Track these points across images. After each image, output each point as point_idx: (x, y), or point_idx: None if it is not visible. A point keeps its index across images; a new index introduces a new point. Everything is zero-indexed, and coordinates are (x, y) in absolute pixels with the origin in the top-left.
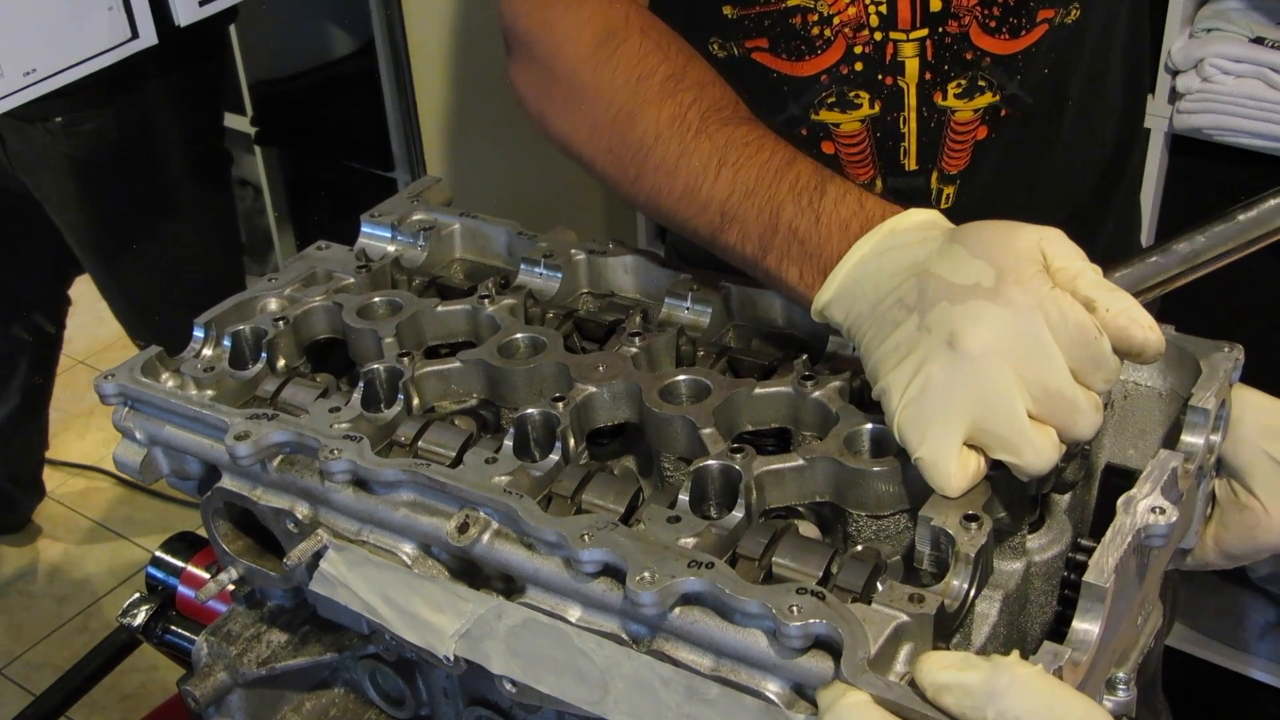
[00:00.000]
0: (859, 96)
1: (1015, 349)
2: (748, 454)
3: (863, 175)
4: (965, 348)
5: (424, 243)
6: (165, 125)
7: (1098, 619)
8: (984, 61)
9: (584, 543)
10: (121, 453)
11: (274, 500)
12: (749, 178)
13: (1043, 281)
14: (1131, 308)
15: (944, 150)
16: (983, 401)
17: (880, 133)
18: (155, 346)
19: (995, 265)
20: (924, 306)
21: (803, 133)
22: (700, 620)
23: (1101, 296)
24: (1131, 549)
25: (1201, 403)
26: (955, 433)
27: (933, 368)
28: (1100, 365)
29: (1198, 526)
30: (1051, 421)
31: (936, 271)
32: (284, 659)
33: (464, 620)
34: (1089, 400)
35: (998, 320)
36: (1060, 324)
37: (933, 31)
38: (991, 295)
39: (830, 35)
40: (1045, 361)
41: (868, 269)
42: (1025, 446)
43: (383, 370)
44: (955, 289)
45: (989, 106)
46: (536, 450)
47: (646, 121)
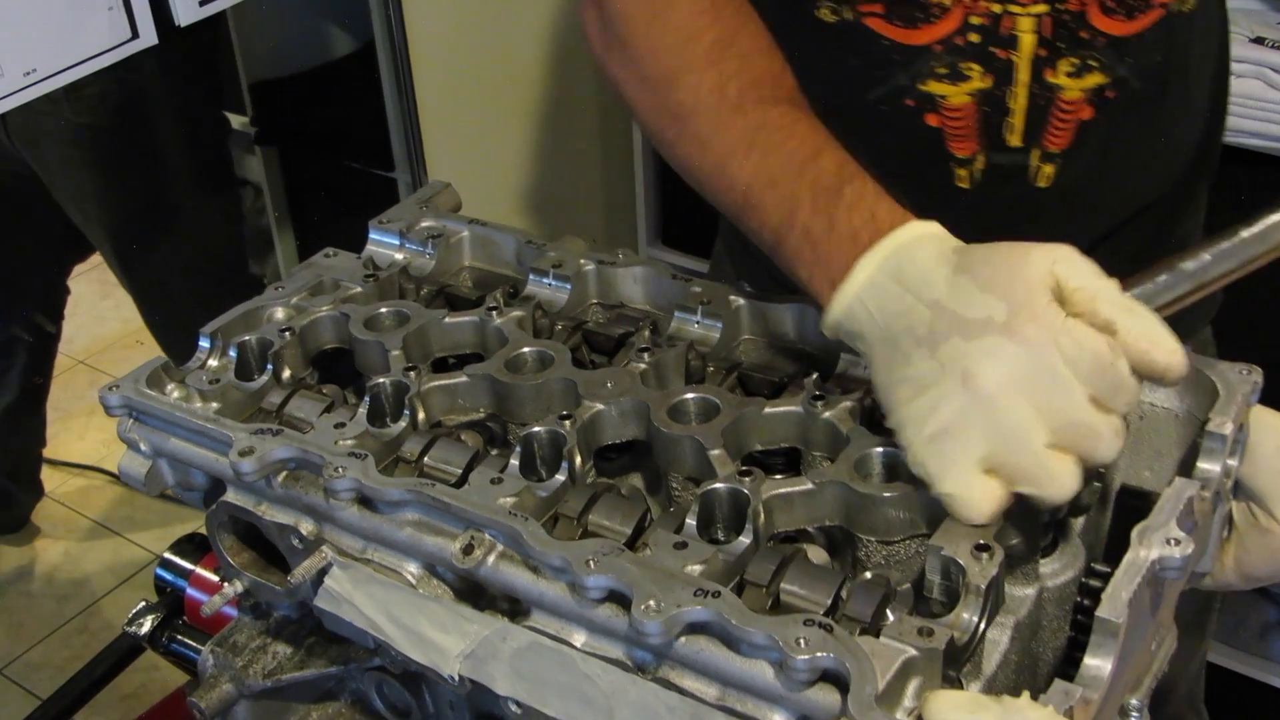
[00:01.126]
0: (970, 69)
1: (1030, 384)
2: (756, 477)
3: (965, 150)
4: (980, 387)
5: (432, 251)
6: (166, 87)
7: (1110, 655)
8: (1098, 41)
9: (589, 568)
10: (126, 464)
11: (279, 516)
12: (773, 166)
13: (1056, 313)
14: (1153, 330)
15: (1048, 128)
16: (1000, 437)
17: (988, 107)
18: (160, 356)
19: (1006, 299)
20: (935, 341)
21: (908, 104)
22: (706, 649)
23: (1122, 318)
24: (1146, 581)
25: (1219, 428)
26: (976, 466)
27: (948, 406)
28: (1120, 390)
29: (1214, 551)
30: (1072, 450)
31: (948, 305)
32: (290, 671)
33: (469, 641)
34: (1109, 425)
35: (1012, 357)
36: (1076, 355)
37: (1052, 8)
38: (1004, 331)
39: (948, 4)
40: (1062, 393)
41: (875, 292)
42: (1045, 479)
43: (389, 384)
44: (967, 324)
45: (1096, 87)
46: (543, 469)
47: (687, 88)
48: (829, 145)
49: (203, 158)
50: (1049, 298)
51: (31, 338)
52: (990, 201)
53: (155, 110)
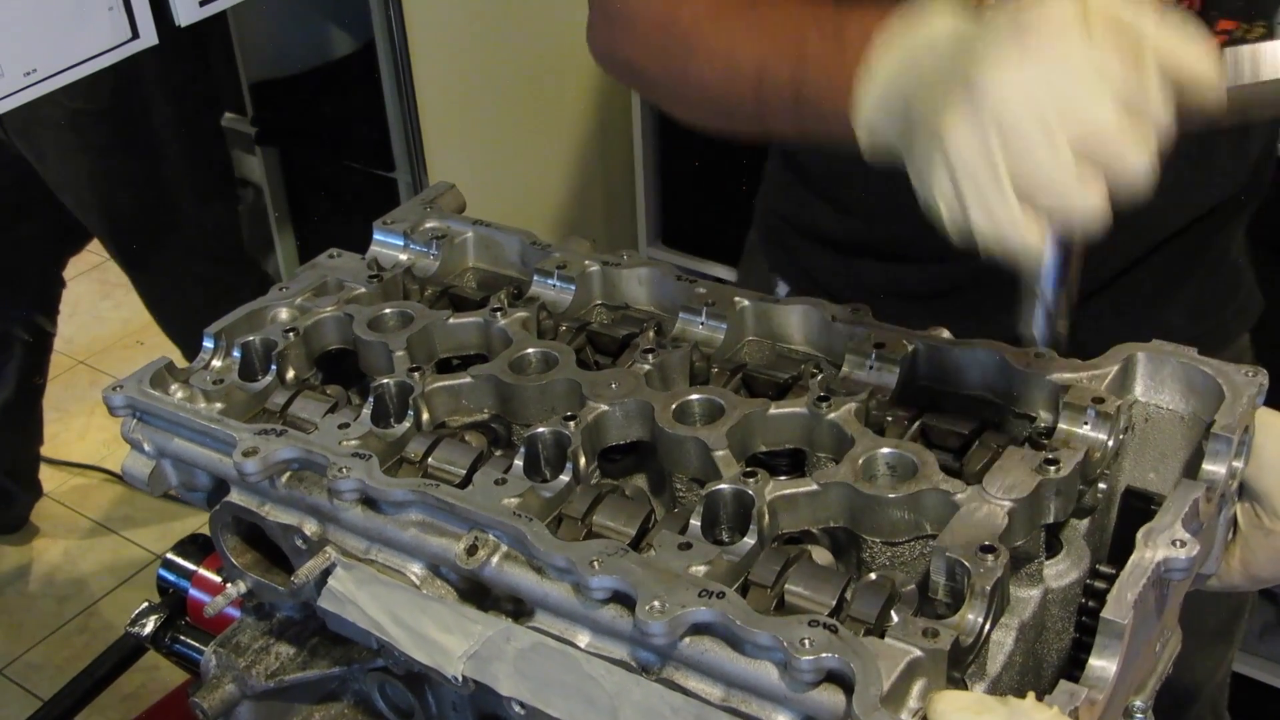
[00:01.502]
0: None
1: (1041, 83)
2: (761, 478)
3: None
4: (986, 94)
5: (436, 251)
6: (158, 69)
7: (1115, 656)
8: None
9: (594, 569)
10: (130, 464)
11: (282, 516)
12: (779, 31)
13: (1075, 17)
14: (1183, 35)
15: None
16: (1015, 150)
17: None
18: (164, 357)
19: (1018, 16)
20: (943, 77)
21: None
22: (711, 650)
23: (1150, 23)
24: (1151, 582)
25: (1224, 430)
26: (1004, 189)
27: (957, 128)
28: (1149, 96)
29: (1218, 553)
30: (1097, 158)
31: (965, 41)
32: (293, 671)
33: (472, 641)
34: (1138, 132)
35: (1021, 58)
36: (1096, 50)
37: None
38: (1014, 32)
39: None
40: (1079, 90)
41: (901, 74)
42: (1073, 192)
43: (393, 385)
44: (973, 42)
45: None
46: (547, 470)
47: (686, 13)
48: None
49: (196, 138)
50: (1071, 10)
51: (28, 331)
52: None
53: (148, 92)
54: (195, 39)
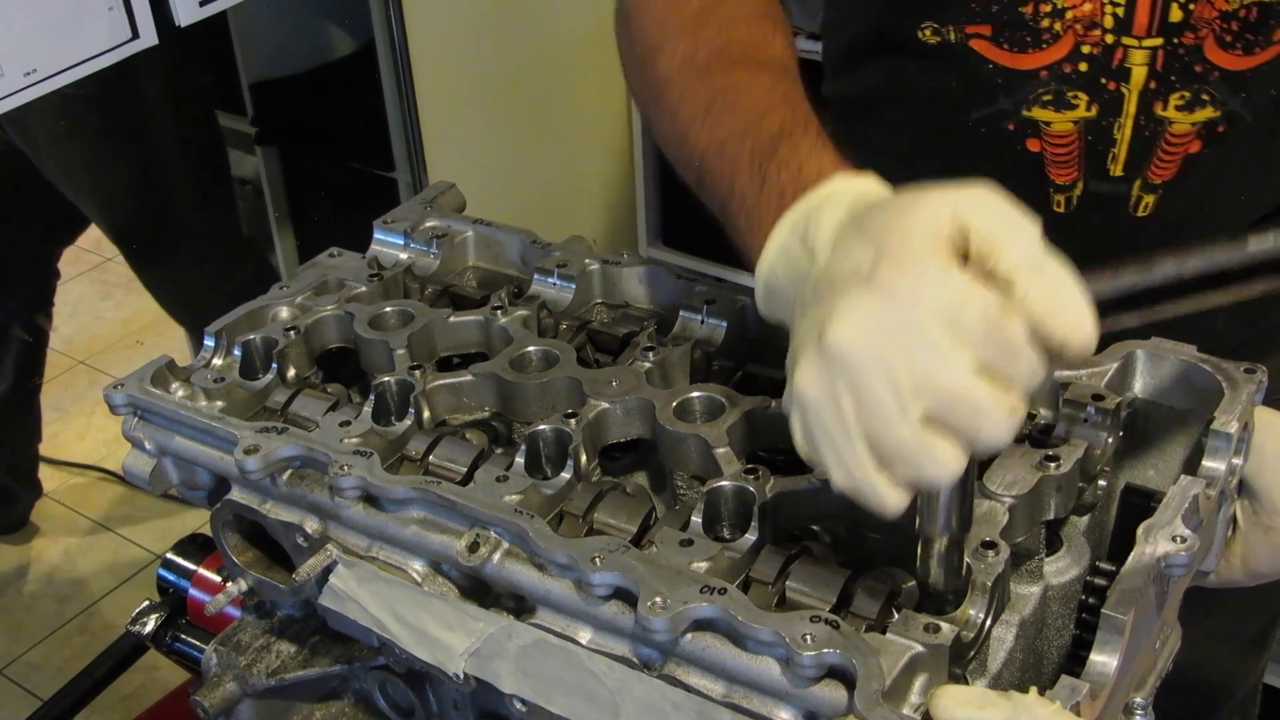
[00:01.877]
0: (1077, 97)
1: (890, 344)
2: (762, 475)
3: (1064, 176)
4: (831, 347)
5: (437, 250)
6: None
7: (1116, 651)
8: (1212, 75)
9: (595, 566)
10: (131, 463)
11: (283, 514)
12: (724, 130)
13: (930, 261)
14: (1059, 291)
15: (1153, 160)
16: (866, 414)
17: (1091, 136)
18: (164, 355)
19: (879, 246)
20: (809, 307)
21: (1009, 128)
22: (712, 646)
23: (1023, 276)
24: (1151, 578)
25: (1224, 426)
26: (859, 453)
27: (807, 379)
28: (1014, 358)
29: (1218, 550)
30: (949, 426)
31: (829, 261)
32: (293, 669)
33: (474, 639)
34: (997, 401)
35: (870, 313)
36: (954, 312)
37: (1167, 41)
38: (865, 282)
39: (1059, 30)
40: (930, 356)
41: (783, 260)
42: (924, 462)
43: (394, 383)
44: (834, 282)
45: (1207, 121)
46: (548, 467)
47: (664, 60)
48: (782, 101)
49: (190, 119)
50: (931, 244)
51: (23, 324)
52: (1085, 226)
53: (141, 74)
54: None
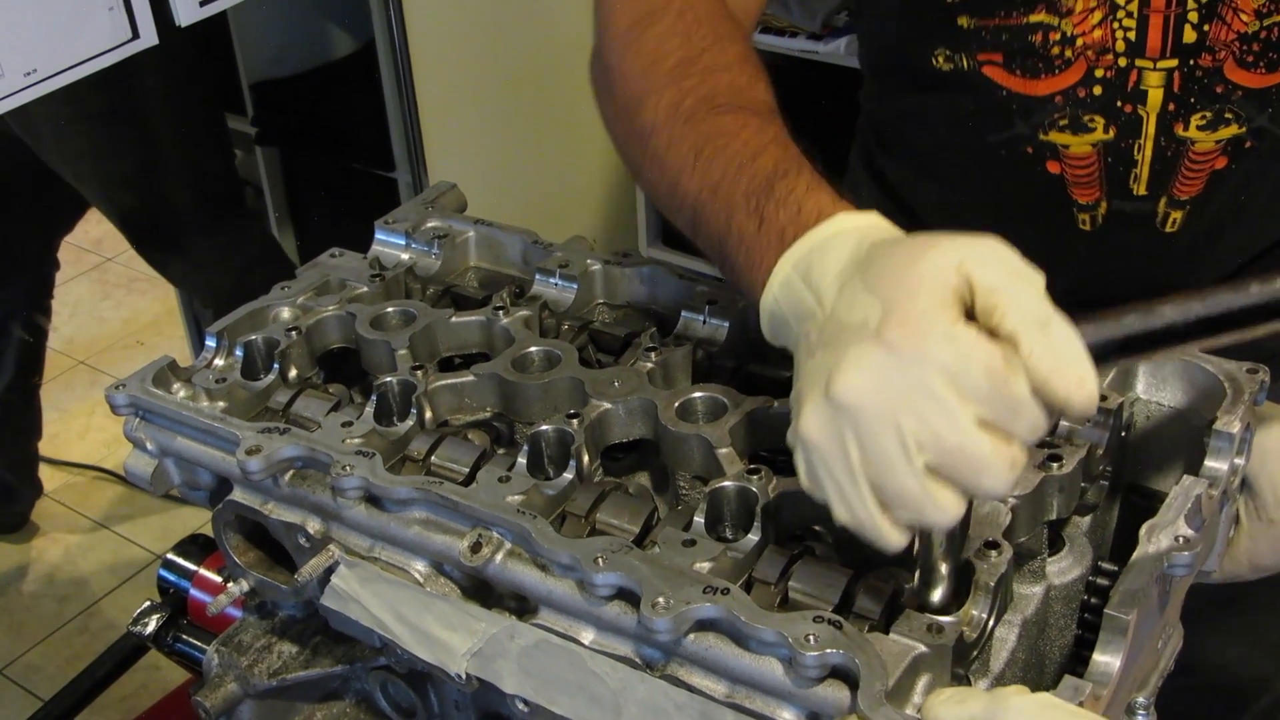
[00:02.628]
0: (1093, 121)
1: (897, 398)
2: (764, 475)
3: (1087, 196)
4: (839, 398)
5: (438, 251)
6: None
7: (1119, 651)
8: (1234, 95)
9: (598, 566)
10: (133, 463)
11: (285, 515)
12: (715, 173)
13: (937, 316)
14: (1063, 350)
15: (1177, 178)
16: (871, 458)
17: (1111, 158)
18: (166, 355)
19: (886, 299)
20: (815, 350)
21: (1028, 151)
22: (715, 646)
23: (1027, 334)
24: (1154, 578)
25: (1226, 426)
26: (863, 494)
27: (812, 424)
28: (1018, 413)
29: (1221, 549)
30: (950, 479)
31: (835, 310)
32: (295, 670)
33: (476, 639)
34: (1001, 454)
35: (877, 366)
36: (958, 367)
37: (1183, 63)
38: (874, 336)
39: (1071, 56)
40: (935, 411)
41: (788, 293)
42: (926, 506)
43: (395, 383)
44: (843, 330)
45: (1233, 138)
46: (551, 467)
47: (649, 109)
48: (773, 143)
49: (192, 98)
50: (937, 299)
51: (23, 316)
52: (1113, 244)
53: (145, 60)
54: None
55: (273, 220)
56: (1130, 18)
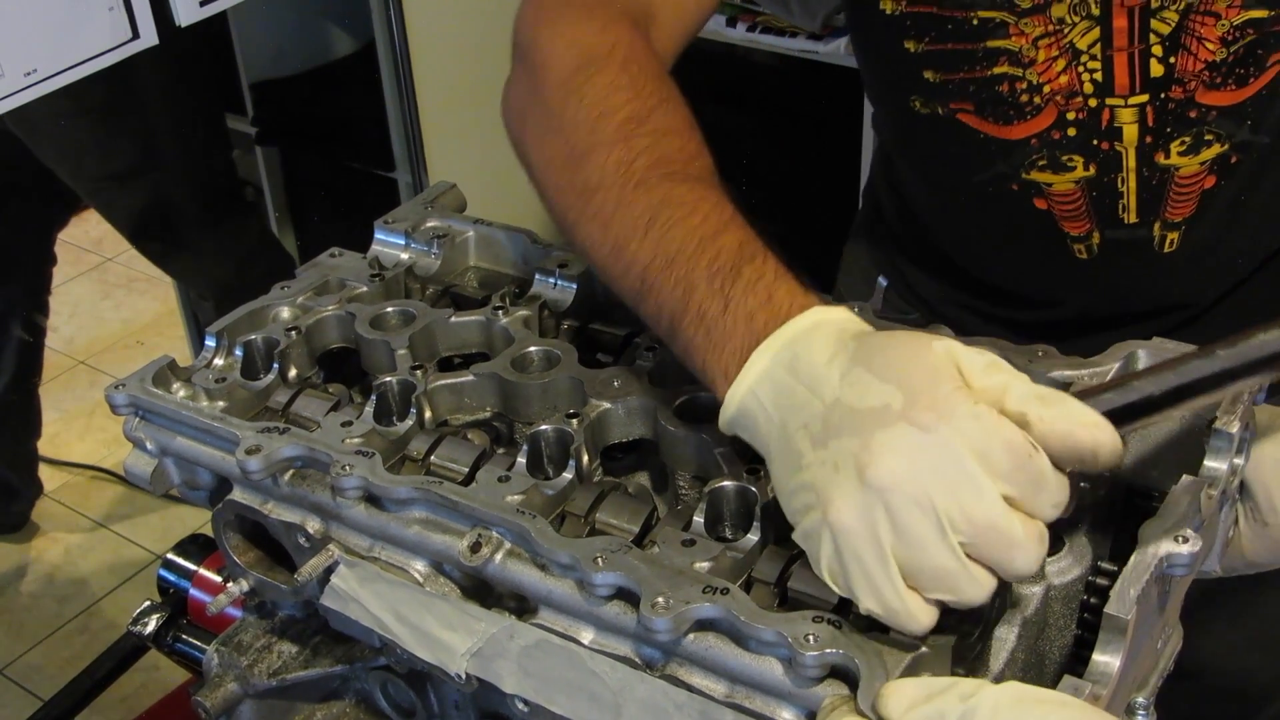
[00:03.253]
0: (1072, 160)
1: (931, 478)
2: (764, 475)
3: (1079, 229)
4: (876, 480)
5: (437, 250)
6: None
7: (1119, 651)
8: (1210, 116)
9: (597, 566)
10: (132, 463)
11: (285, 514)
12: (673, 243)
13: (961, 399)
14: (1071, 410)
15: (1167, 202)
16: (905, 543)
17: (1096, 192)
18: (166, 355)
19: (904, 385)
20: (827, 438)
21: (1013, 188)
22: (715, 646)
23: (1033, 407)
24: (1153, 578)
25: (1226, 426)
26: (892, 578)
27: (844, 511)
28: (1042, 488)
29: (1220, 549)
30: (982, 558)
31: (841, 398)
32: (295, 670)
33: (476, 639)
34: (1028, 531)
35: (911, 447)
36: (986, 445)
37: (1154, 97)
38: (902, 418)
39: (1040, 102)
40: (969, 490)
41: (769, 386)
42: (963, 583)
43: (395, 383)
44: (861, 416)
45: (1217, 157)
46: (550, 467)
47: (594, 165)
48: (733, 223)
49: (187, 92)
50: (953, 384)
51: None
52: (1112, 270)
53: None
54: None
55: (273, 220)
56: (1095, 60)
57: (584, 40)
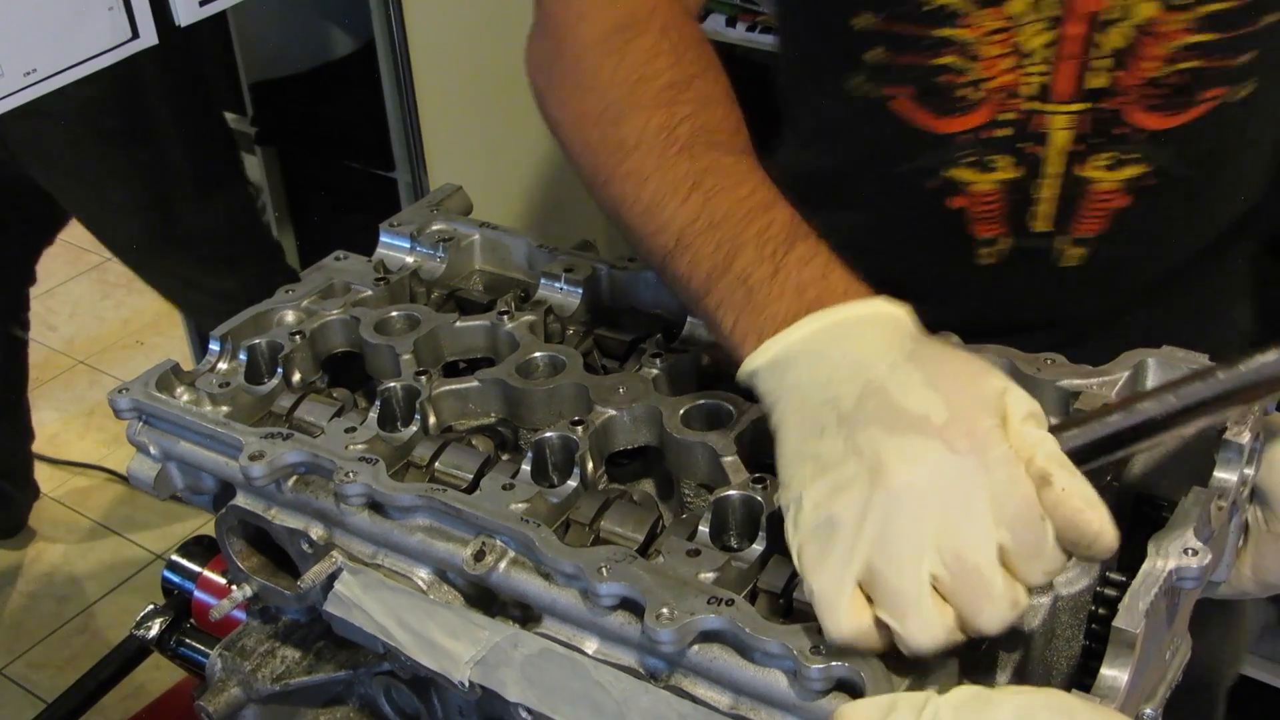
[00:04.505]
0: (997, 160)
1: (943, 500)
2: (769, 484)
3: (989, 232)
4: (889, 483)
5: (443, 254)
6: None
7: (1127, 665)
8: (1137, 136)
9: (602, 576)
10: (136, 467)
11: (289, 520)
12: (718, 209)
13: (998, 439)
14: (1089, 493)
15: (1078, 216)
16: (886, 548)
17: (1014, 196)
18: (169, 359)
19: (951, 403)
20: (856, 422)
21: (932, 185)
22: (720, 657)
23: (1059, 473)
24: (1162, 592)
25: (1236, 437)
26: (850, 573)
27: (847, 497)
28: (1038, 554)
29: (1229, 560)
30: (953, 599)
31: (886, 386)
32: (298, 675)
33: (480, 647)
34: (1008, 590)
35: (937, 464)
36: (1005, 492)
37: (1090, 106)
38: (938, 434)
39: (977, 99)
40: (971, 526)
41: (810, 351)
42: (912, 614)
43: (399, 389)
44: (899, 415)
45: (1134, 177)
46: (555, 474)
47: (633, 125)
48: (783, 202)
49: (191, 115)
50: (995, 420)
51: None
52: (1011, 279)
53: (141, 78)
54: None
55: (272, 220)
56: (1042, 64)
57: (621, 1)
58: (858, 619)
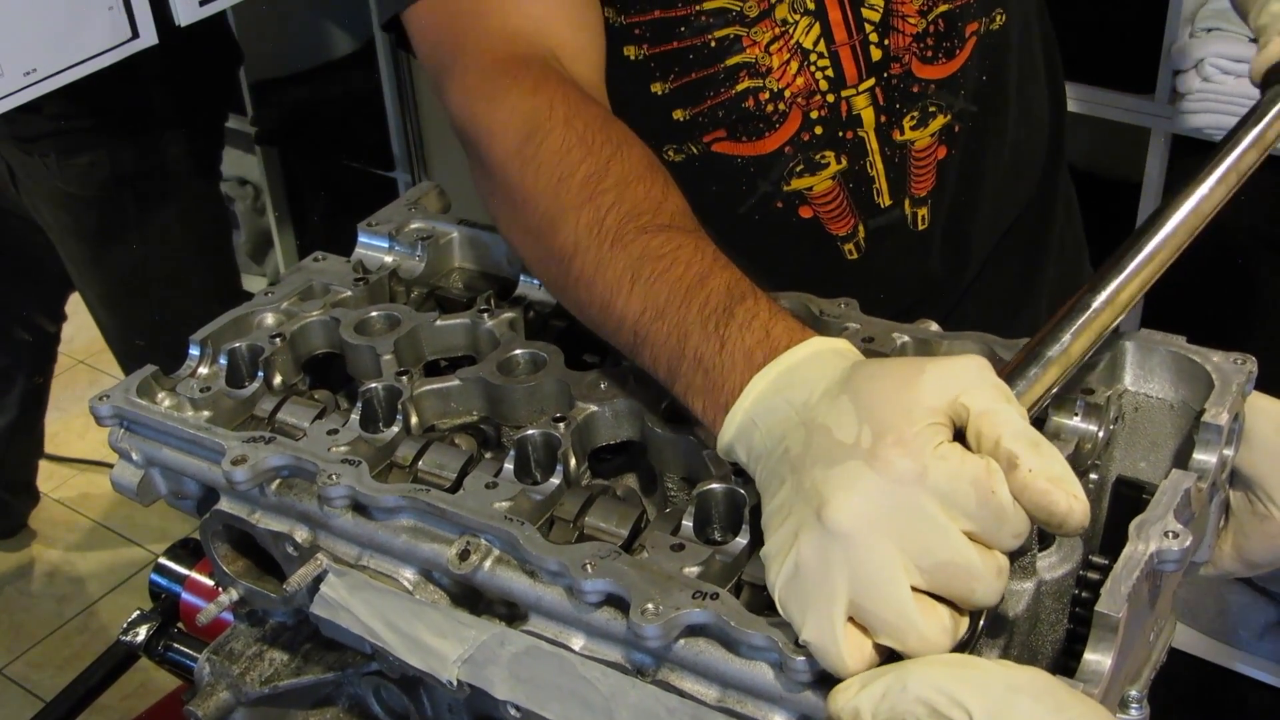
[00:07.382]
0: (824, 156)
1: (893, 520)
2: None
3: (844, 227)
4: (833, 521)
5: (422, 252)
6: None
7: (1110, 649)
8: (930, 89)
9: (586, 572)
10: (119, 474)
11: (272, 523)
12: (659, 296)
13: (928, 439)
14: (1056, 470)
15: (911, 178)
16: (859, 582)
17: (852, 183)
18: (151, 366)
19: (876, 422)
20: (803, 465)
21: (778, 206)
22: (706, 651)
23: (1025, 452)
24: (1144, 575)
25: (1214, 418)
26: (836, 615)
27: (803, 543)
28: (1003, 522)
29: (1211, 540)
30: (945, 594)
31: (825, 423)
32: (287, 677)
33: (467, 646)
34: (989, 564)
35: (871, 489)
36: (949, 487)
37: (879, 79)
38: (867, 458)
39: (784, 108)
40: (930, 531)
41: (764, 410)
42: (909, 631)
43: (381, 389)
44: (833, 449)
45: (943, 127)
46: (538, 472)
47: (567, 230)
48: (716, 267)
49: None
50: (927, 421)
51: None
52: (879, 261)
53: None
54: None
55: (272, 220)
56: (823, 58)
57: (521, 107)
58: (859, 654)
